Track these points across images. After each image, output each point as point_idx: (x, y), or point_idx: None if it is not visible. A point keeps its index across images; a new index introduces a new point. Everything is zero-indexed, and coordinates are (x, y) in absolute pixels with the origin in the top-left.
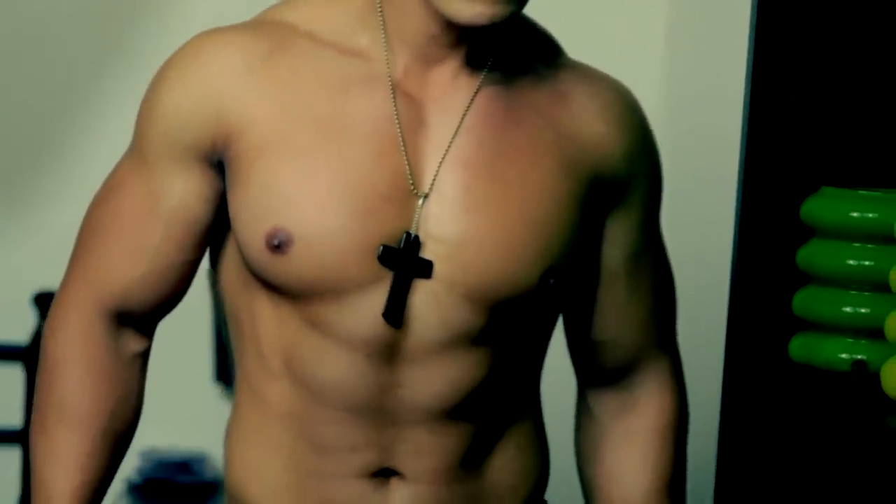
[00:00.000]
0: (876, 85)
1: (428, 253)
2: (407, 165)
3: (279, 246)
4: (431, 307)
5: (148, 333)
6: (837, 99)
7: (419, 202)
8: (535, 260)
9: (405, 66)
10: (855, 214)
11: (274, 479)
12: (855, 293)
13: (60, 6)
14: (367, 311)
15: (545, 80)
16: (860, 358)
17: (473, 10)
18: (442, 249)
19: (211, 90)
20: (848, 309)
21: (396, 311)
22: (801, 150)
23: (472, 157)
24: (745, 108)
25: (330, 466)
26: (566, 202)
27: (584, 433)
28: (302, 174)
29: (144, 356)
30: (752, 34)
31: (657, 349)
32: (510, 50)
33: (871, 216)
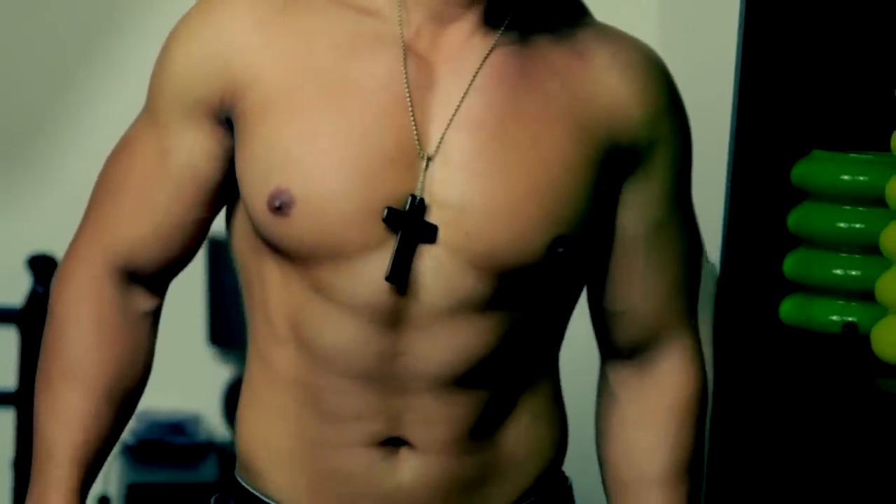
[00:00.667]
0: (866, 49)
1: (433, 217)
2: (414, 127)
3: (280, 207)
4: (435, 273)
5: (158, 292)
6: (828, 63)
7: (424, 164)
8: (543, 229)
9: (418, 25)
10: (846, 177)
11: (281, 447)
12: (846, 256)
13: None
14: (370, 275)
15: (565, 39)
16: (851, 320)
17: None
18: (447, 214)
19: (220, 45)
20: (839, 271)
21: (401, 274)
22: (792, 113)
23: (480, 118)
24: (736, 71)
25: (337, 435)
26: (579, 168)
27: (602, 410)
28: (305, 134)
29: (155, 316)
30: None
31: (678, 326)
32: (530, 8)
33: (861, 179)
